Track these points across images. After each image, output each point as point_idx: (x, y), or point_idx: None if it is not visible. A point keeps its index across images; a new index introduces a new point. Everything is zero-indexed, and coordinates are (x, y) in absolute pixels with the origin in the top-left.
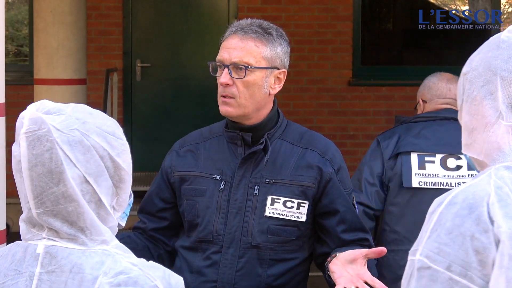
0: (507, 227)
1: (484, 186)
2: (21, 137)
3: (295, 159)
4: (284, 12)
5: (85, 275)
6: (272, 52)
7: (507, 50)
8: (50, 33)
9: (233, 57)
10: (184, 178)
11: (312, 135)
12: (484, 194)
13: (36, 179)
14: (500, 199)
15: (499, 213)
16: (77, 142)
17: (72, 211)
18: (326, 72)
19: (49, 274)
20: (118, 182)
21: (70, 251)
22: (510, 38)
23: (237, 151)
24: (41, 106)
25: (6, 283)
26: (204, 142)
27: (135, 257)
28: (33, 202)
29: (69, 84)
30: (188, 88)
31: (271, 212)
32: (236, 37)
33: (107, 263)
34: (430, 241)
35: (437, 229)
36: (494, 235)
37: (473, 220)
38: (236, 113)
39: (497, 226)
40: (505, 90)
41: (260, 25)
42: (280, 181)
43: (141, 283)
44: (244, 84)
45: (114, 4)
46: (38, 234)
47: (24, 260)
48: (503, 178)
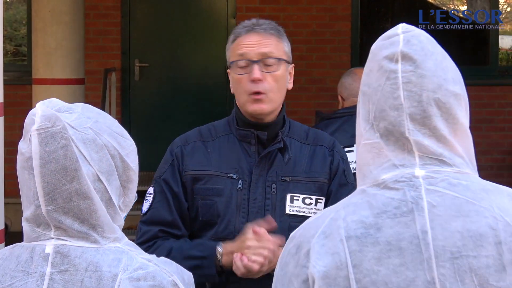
0: (323, 265)
1: (322, 220)
2: (33, 133)
3: (307, 157)
4: (282, 12)
5: (103, 272)
6: (287, 47)
7: (370, 62)
8: (48, 32)
9: (263, 50)
10: (198, 177)
11: (315, 131)
12: (314, 232)
13: (48, 175)
14: (327, 235)
15: (320, 251)
16: (91, 141)
17: (85, 208)
18: (325, 72)
19: (62, 274)
20: (126, 182)
21: (83, 250)
22: (376, 47)
23: (250, 149)
24: (50, 104)
25: (14, 284)
26: (213, 140)
27: (147, 254)
28: (44, 199)
29: (68, 84)
30: (186, 87)
31: (291, 210)
32: (254, 34)
33: (124, 260)
34: (275, 272)
35: (280, 261)
36: (310, 276)
37: (295, 261)
38: (268, 110)
39: (312, 266)
40: (365, 106)
41: (270, 23)
42: (297, 178)
43: (159, 278)
44: (274, 78)
45: (112, 3)
46: (44, 233)
47: (32, 261)
48: (348, 206)
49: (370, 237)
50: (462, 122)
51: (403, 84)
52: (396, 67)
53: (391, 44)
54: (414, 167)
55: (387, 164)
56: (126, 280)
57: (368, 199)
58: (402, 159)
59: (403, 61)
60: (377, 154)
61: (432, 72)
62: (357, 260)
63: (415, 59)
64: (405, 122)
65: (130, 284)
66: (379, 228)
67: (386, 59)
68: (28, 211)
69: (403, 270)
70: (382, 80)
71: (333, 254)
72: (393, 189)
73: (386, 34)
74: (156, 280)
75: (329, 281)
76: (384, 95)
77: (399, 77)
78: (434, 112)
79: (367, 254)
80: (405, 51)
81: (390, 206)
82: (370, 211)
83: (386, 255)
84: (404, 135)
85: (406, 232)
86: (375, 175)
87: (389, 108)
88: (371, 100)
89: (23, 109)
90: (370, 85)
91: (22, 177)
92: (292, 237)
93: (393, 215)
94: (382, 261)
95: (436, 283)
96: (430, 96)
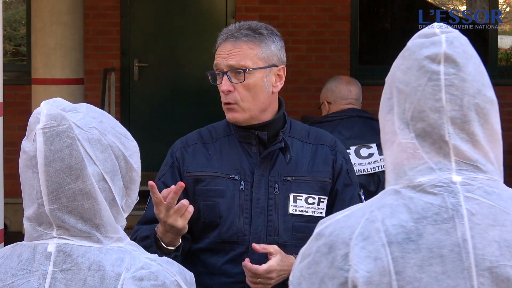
0: (366, 270)
1: (355, 220)
2: (38, 132)
3: (309, 156)
4: (282, 12)
5: (107, 272)
6: (267, 51)
7: (408, 60)
8: (47, 32)
9: (230, 62)
10: (199, 178)
11: (317, 130)
12: (350, 232)
13: (53, 174)
14: (366, 237)
15: (360, 255)
16: (96, 140)
17: (89, 208)
18: (324, 72)
19: (64, 272)
20: (129, 183)
21: (86, 249)
22: (414, 45)
23: (251, 150)
24: (55, 103)
25: (16, 283)
26: (213, 142)
27: (150, 254)
28: (48, 197)
29: (67, 83)
30: (185, 87)
31: (294, 210)
32: (228, 43)
33: (127, 259)
34: (298, 268)
35: (305, 257)
36: (351, 280)
37: (328, 262)
38: (243, 118)
39: (354, 271)
40: (401, 105)
41: (249, 27)
42: (299, 178)
43: (162, 278)
44: (245, 87)
45: (111, 3)
46: (46, 233)
47: (34, 259)
48: (384, 207)
49: (412, 243)
50: (496, 128)
51: (446, 87)
52: (438, 68)
53: (432, 44)
54: (451, 172)
55: (423, 167)
56: (130, 279)
57: (404, 202)
58: (438, 162)
59: (445, 63)
60: (412, 155)
61: (472, 76)
62: (399, 267)
63: (458, 62)
64: (445, 125)
65: (134, 283)
66: (420, 235)
67: (428, 59)
68: (30, 209)
69: (445, 278)
70: (423, 80)
71: (376, 260)
72: (431, 193)
73: (423, 33)
74: (159, 280)
75: (372, 287)
76: (424, 95)
77: (442, 79)
78: (473, 117)
79: (410, 261)
80: (448, 52)
81: (430, 212)
82: (409, 215)
83: (428, 262)
84: (443, 138)
85: (447, 239)
86: (410, 177)
87: (429, 109)
88: (408, 99)
89: (22, 109)
90: (408, 83)
91: (25, 176)
92: (319, 234)
93: (434, 222)
94: (424, 269)
95: None
96: (471, 100)
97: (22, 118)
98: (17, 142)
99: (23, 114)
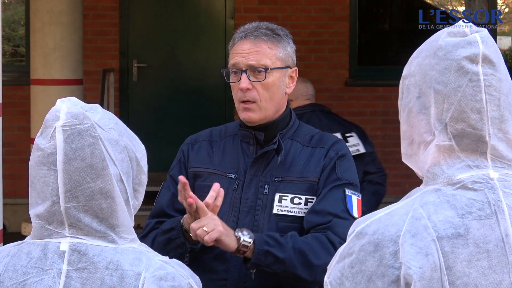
0: (418, 266)
1: (399, 218)
2: (57, 129)
3: (305, 158)
4: (281, 13)
5: (125, 271)
6: (284, 51)
7: (444, 60)
8: (46, 33)
9: (250, 60)
10: (198, 174)
11: (323, 135)
12: (396, 230)
13: (72, 172)
14: (414, 234)
15: (410, 251)
16: (115, 141)
17: (106, 207)
18: (323, 73)
19: (80, 271)
20: (138, 186)
21: (102, 248)
22: (448, 44)
23: (248, 150)
24: (71, 102)
25: (29, 281)
26: (220, 140)
27: (162, 256)
28: (64, 195)
29: (66, 84)
30: (184, 88)
31: (279, 210)
32: (247, 41)
33: (144, 260)
34: (337, 267)
35: (345, 257)
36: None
37: (375, 260)
38: (259, 118)
39: (406, 268)
40: (439, 106)
41: (267, 27)
42: (288, 178)
43: (178, 280)
44: (264, 86)
45: (110, 4)
46: (57, 232)
47: (46, 257)
48: (427, 205)
49: (461, 238)
50: None
51: (485, 88)
52: (477, 69)
53: (468, 44)
54: (487, 168)
55: (461, 165)
56: (151, 279)
57: (447, 199)
58: (475, 160)
59: (483, 63)
60: (448, 155)
61: (505, 76)
62: (450, 262)
63: (494, 62)
64: (486, 126)
65: (154, 283)
66: (467, 230)
67: (467, 59)
68: (41, 207)
69: (491, 273)
70: (463, 81)
71: (427, 255)
72: (472, 189)
73: (453, 31)
74: (175, 281)
75: (424, 283)
76: (465, 96)
77: (481, 79)
78: (507, 117)
79: (459, 256)
80: (486, 53)
81: (474, 208)
82: (454, 211)
83: (475, 257)
84: (483, 138)
85: (492, 234)
86: (449, 175)
87: (470, 110)
88: (448, 100)
89: (21, 110)
90: (447, 84)
91: (38, 173)
92: (361, 233)
93: (478, 217)
94: (472, 264)
95: None
96: (505, 100)
97: (21, 119)
98: (16, 143)
99: (22, 115)
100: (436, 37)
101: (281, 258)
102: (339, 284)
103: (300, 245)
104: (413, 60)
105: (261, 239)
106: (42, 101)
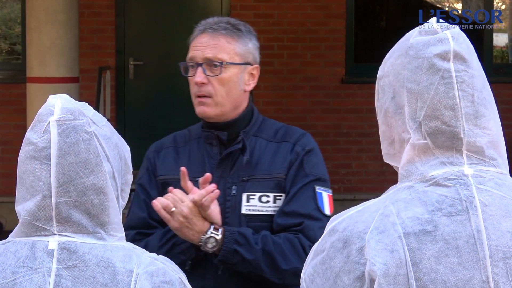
0: (383, 262)
1: (369, 215)
2: (52, 124)
3: (271, 154)
4: (277, 10)
5: (117, 268)
6: (244, 47)
7: (415, 58)
8: (42, 31)
9: (206, 53)
10: (167, 182)
11: (287, 128)
12: (364, 227)
13: (66, 167)
14: (381, 231)
15: (376, 248)
16: (108, 138)
17: (98, 204)
18: (319, 70)
19: (70, 270)
20: (124, 185)
21: (92, 246)
22: (419, 42)
23: (212, 151)
24: (64, 98)
25: (18, 280)
26: (184, 146)
27: (150, 253)
28: (56, 190)
29: (62, 82)
30: (180, 86)
31: (247, 210)
32: (206, 35)
33: (134, 256)
34: (311, 264)
35: (318, 254)
36: (367, 274)
37: (343, 256)
38: (214, 113)
39: (371, 264)
40: (412, 105)
41: (228, 22)
42: (255, 177)
43: (168, 275)
44: (220, 81)
45: (106, 2)
46: (45, 228)
47: (35, 256)
48: (398, 202)
49: (429, 235)
50: (499, 121)
51: (458, 84)
52: (449, 66)
53: (439, 41)
54: (462, 165)
55: (435, 162)
56: (144, 275)
57: (418, 195)
58: (449, 156)
59: (455, 60)
60: (423, 152)
61: (477, 72)
62: (416, 258)
63: (465, 59)
64: (460, 122)
65: (146, 279)
66: (436, 226)
67: (438, 57)
68: (30, 202)
69: (461, 270)
70: (435, 78)
71: (393, 252)
72: (444, 186)
73: (424, 30)
74: (166, 277)
75: (389, 279)
76: (438, 94)
77: (453, 76)
78: (483, 112)
79: (426, 252)
80: (457, 50)
81: (444, 204)
82: (423, 208)
83: (444, 253)
84: (458, 135)
85: (462, 231)
86: (422, 172)
87: (443, 107)
88: (421, 98)
89: (17, 108)
90: (419, 83)
91: (29, 167)
92: (332, 230)
93: (449, 213)
94: (440, 260)
95: (490, 282)
96: (480, 96)
97: (17, 117)
98: (12, 141)
99: (18, 113)
100: (408, 37)
101: (248, 260)
102: (311, 281)
103: (270, 247)
104: (387, 61)
105: (231, 237)
106: (38, 99)
